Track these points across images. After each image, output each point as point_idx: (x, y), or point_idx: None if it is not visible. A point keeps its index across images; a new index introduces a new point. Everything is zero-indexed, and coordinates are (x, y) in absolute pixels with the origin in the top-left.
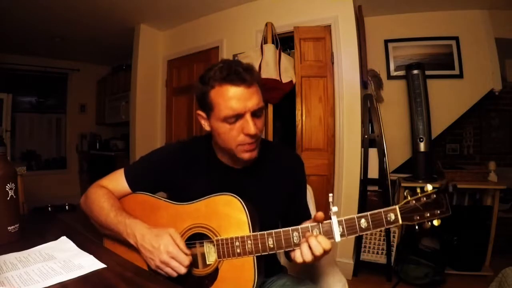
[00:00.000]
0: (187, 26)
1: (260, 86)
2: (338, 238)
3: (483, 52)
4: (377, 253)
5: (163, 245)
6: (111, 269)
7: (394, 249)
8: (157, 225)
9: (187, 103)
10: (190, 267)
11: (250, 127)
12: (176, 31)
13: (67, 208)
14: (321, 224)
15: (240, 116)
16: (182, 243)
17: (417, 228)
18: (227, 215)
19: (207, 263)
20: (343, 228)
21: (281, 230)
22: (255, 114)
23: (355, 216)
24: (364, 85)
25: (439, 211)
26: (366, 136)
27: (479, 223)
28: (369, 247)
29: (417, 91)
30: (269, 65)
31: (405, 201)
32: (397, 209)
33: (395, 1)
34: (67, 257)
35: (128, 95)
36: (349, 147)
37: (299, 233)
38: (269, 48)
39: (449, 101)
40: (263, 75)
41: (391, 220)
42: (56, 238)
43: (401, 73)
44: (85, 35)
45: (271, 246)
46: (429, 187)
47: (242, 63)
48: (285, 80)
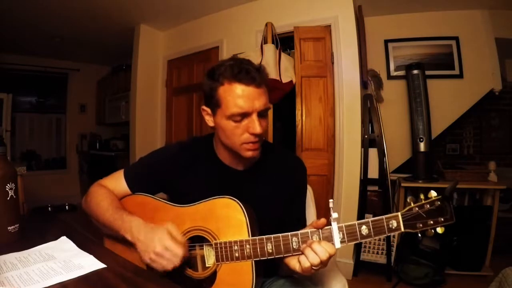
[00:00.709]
0: (187, 26)
1: (267, 87)
2: (338, 245)
3: (483, 52)
4: (377, 253)
5: (158, 236)
6: (111, 269)
7: (394, 249)
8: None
9: (187, 103)
10: (186, 266)
11: (256, 126)
12: (176, 31)
13: (67, 208)
14: (321, 230)
15: (247, 115)
16: (178, 233)
17: (419, 236)
18: (226, 218)
19: (206, 266)
20: (343, 234)
21: (280, 235)
22: (261, 114)
23: (356, 222)
24: (364, 85)
25: (443, 219)
26: (366, 136)
27: (479, 223)
28: (369, 247)
29: (417, 91)
30: (269, 65)
31: (408, 208)
32: (400, 216)
33: (395, 1)
34: (67, 257)
35: (128, 95)
36: (349, 147)
37: (298, 239)
38: (269, 48)
39: (449, 101)
40: None
41: (393, 227)
42: (56, 238)
43: (401, 73)
44: (85, 35)
45: (270, 251)
46: (433, 193)
47: (253, 62)
48: (285, 80)
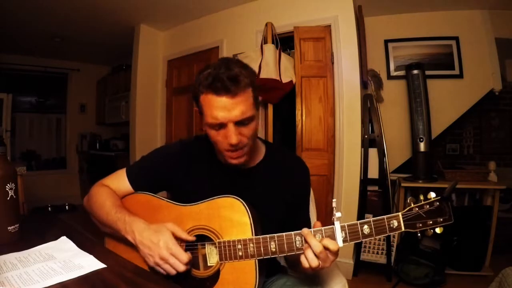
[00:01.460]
0: (187, 26)
1: (254, 93)
2: (340, 244)
3: (483, 52)
4: (377, 253)
5: (162, 241)
6: (111, 269)
7: (394, 249)
8: (153, 223)
9: (187, 103)
10: (190, 266)
11: (231, 137)
12: (176, 31)
13: (67, 208)
14: (323, 229)
15: (223, 125)
16: (183, 232)
17: (419, 235)
18: (230, 217)
19: (208, 265)
20: (345, 233)
21: (283, 234)
22: (241, 123)
23: (358, 222)
24: (364, 85)
25: (442, 219)
26: (366, 136)
27: (479, 223)
28: (369, 247)
29: (417, 91)
30: (269, 65)
31: (408, 208)
32: (400, 216)
33: (395, 1)
34: (67, 257)
35: (128, 95)
36: (349, 147)
37: (301, 238)
38: (269, 48)
39: (449, 101)
40: (263, 75)
41: (394, 227)
42: (56, 238)
43: (401, 73)
44: (85, 35)
45: (273, 250)
46: (432, 194)
47: (231, 68)
48: (285, 80)
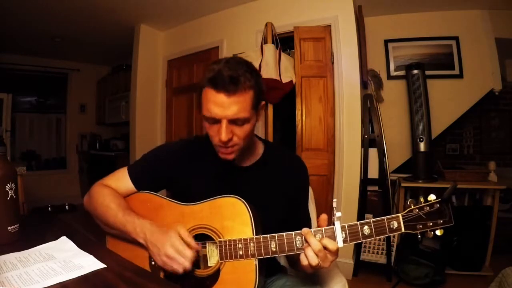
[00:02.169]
0: (187, 26)
1: (256, 96)
2: (340, 244)
3: (483, 52)
4: (377, 253)
5: (169, 240)
6: (111, 269)
7: (394, 249)
8: (161, 224)
9: (187, 103)
10: (193, 265)
11: (221, 134)
12: (176, 31)
13: (67, 208)
14: (324, 229)
15: (217, 121)
16: (189, 237)
17: (419, 237)
18: (231, 217)
19: (209, 264)
20: (346, 234)
21: (284, 234)
22: (234, 122)
23: (358, 222)
24: (364, 85)
25: (442, 221)
26: (366, 136)
27: (479, 223)
28: (369, 247)
29: (417, 91)
30: (269, 65)
31: (408, 210)
32: (400, 217)
33: (395, 1)
34: (67, 257)
35: (128, 95)
36: (349, 147)
37: (302, 238)
38: (269, 48)
39: (449, 101)
40: (263, 75)
41: (394, 228)
42: (56, 238)
43: (401, 73)
44: (85, 35)
45: (274, 249)
46: (433, 196)
47: (234, 68)
48: (285, 80)
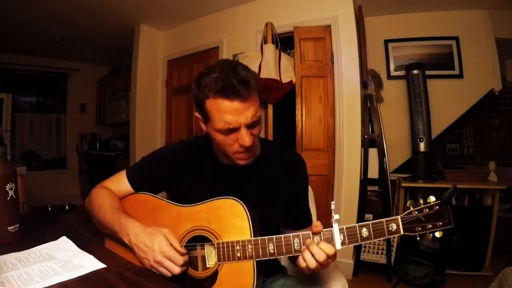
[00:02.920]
0: (187, 26)
1: (258, 93)
2: (338, 246)
3: (483, 52)
4: (377, 253)
5: (157, 244)
6: (111, 269)
7: (394, 249)
8: (158, 226)
9: (187, 103)
10: (186, 268)
11: (244, 139)
12: (176, 31)
13: (67, 208)
14: (322, 231)
15: (235, 129)
16: (176, 242)
17: (418, 239)
18: (229, 218)
19: (207, 265)
20: (344, 236)
21: (282, 236)
22: (250, 125)
23: (356, 225)
24: (364, 85)
25: (441, 223)
26: (366, 136)
27: (479, 223)
28: (369, 247)
29: (417, 91)
30: (269, 65)
31: (407, 212)
32: (399, 219)
33: (395, 1)
34: (67, 257)
35: (128, 95)
36: (349, 147)
37: (300, 240)
38: (269, 48)
39: (449, 101)
40: (263, 75)
41: (393, 230)
42: (56, 238)
43: (401, 73)
44: (85, 35)
45: (272, 251)
46: (432, 198)
47: (239, 72)
48: (285, 80)
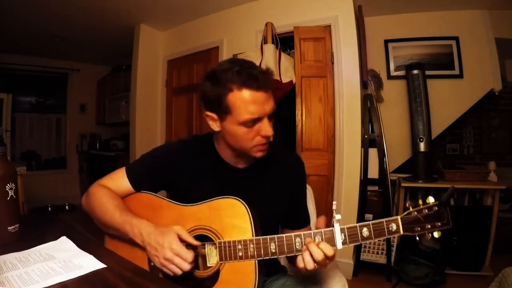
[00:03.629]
0: (187, 26)
1: (272, 88)
2: (340, 246)
3: (483, 52)
4: (377, 253)
5: (167, 242)
6: (111, 269)
7: (394, 249)
8: (159, 225)
9: (187, 103)
10: (193, 266)
11: (268, 129)
12: (176, 31)
13: (67, 208)
14: (323, 231)
15: (259, 119)
16: (188, 236)
17: (417, 239)
18: (231, 218)
19: (208, 265)
20: (345, 236)
21: (283, 235)
22: (270, 116)
23: (357, 224)
24: (364, 85)
25: (440, 223)
26: (366, 136)
27: (479, 223)
28: (369, 247)
29: (417, 91)
30: (269, 65)
31: (406, 212)
32: (399, 219)
33: (395, 1)
34: (67, 257)
35: (128, 95)
36: (349, 147)
37: (301, 239)
38: (269, 48)
39: (449, 101)
40: None
41: (393, 230)
42: (56, 238)
43: (401, 73)
44: (85, 35)
45: (273, 250)
46: (431, 199)
47: (256, 65)
48: (285, 80)
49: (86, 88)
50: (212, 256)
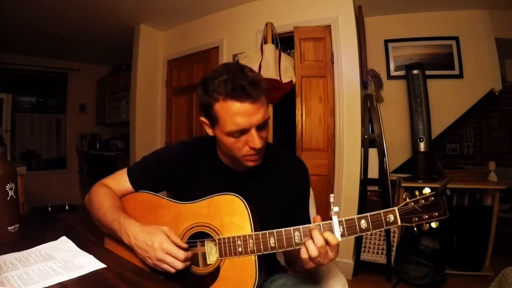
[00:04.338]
0: (187, 26)
1: (265, 95)
2: (338, 238)
3: (483, 52)
4: (377, 253)
5: (157, 242)
6: (111, 269)
7: (394, 249)
8: (158, 224)
9: (187, 103)
10: (189, 264)
11: (255, 141)
12: (176, 31)
13: (67, 208)
14: (321, 224)
15: (245, 131)
16: (177, 238)
17: (415, 230)
18: (230, 214)
19: (208, 262)
20: (343, 228)
21: (282, 229)
22: (260, 126)
23: (355, 216)
24: (364, 85)
25: (437, 213)
26: (366, 136)
27: (479, 223)
28: (369, 247)
29: (417, 91)
30: (269, 65)
31: (404, 203)
32: (396, 210)
33: (395, 1)
34: (67, 257)
35: (128, 95)
36: (349, 147)
37: (300, 233)
38: (269, 48)
39: (449, 101)
40: (263, 75)
41: (391, 221)
42: (56, 238)
43: (401, 73)
44: (85, 35)
45: (273, 245)
46: (427, 189)
47: (247, 74)
48: (285, 80)
49: (86, 88)
50: (211, 253)
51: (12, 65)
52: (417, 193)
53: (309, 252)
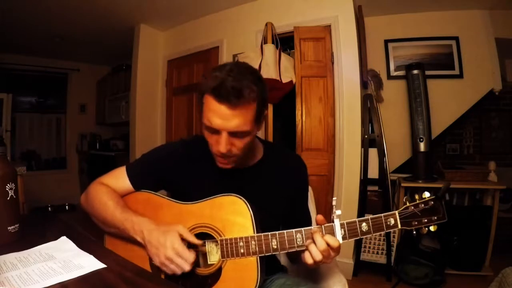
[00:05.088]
0: (187, 26)
1: (258, 107)
2: (340, 241)
3: (483, 52)
4: (377, 253)
5: (169, 241)
6: (111, 269)
7: (394, 249)
8: (160, 224)
9: (187, 103)
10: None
11: (220, 145)
12: (176, 31)
13: (67, 208)
14: (323, 226)
15: (217, 131)
16: (192, 236)
17: (414, 233)
18: (232, 215)
19: (209, 262)
20: (345, 231)
21: (284, 231)
22: (235, 134)
23: (356, 219)
24: (364, 85)
25: (436, 217)
26: (366, 136)
27: (479, 223)
28: (369, 247)
29: (417, 91)
30: (269, 65)
31: (404, 207)
32: (397, 214)
33: (395, 1)
34: (67, 257)
35: (128, 95)
36: (349, 147)
37: (302, 235)
38: (269, 48)
39: (449, 101)
40: (263, 75)
41: (391, 224)
42: (56, 238)
43: (401, 73)
44: (85, 35)
45: (275, 247)
46: (427, 194)
47: (240, 80)
48: (285, 80)
49: (86, 88)
50: (213, 254)
51: (12, 65)
52: (417, 197)
53: (313, 256)
